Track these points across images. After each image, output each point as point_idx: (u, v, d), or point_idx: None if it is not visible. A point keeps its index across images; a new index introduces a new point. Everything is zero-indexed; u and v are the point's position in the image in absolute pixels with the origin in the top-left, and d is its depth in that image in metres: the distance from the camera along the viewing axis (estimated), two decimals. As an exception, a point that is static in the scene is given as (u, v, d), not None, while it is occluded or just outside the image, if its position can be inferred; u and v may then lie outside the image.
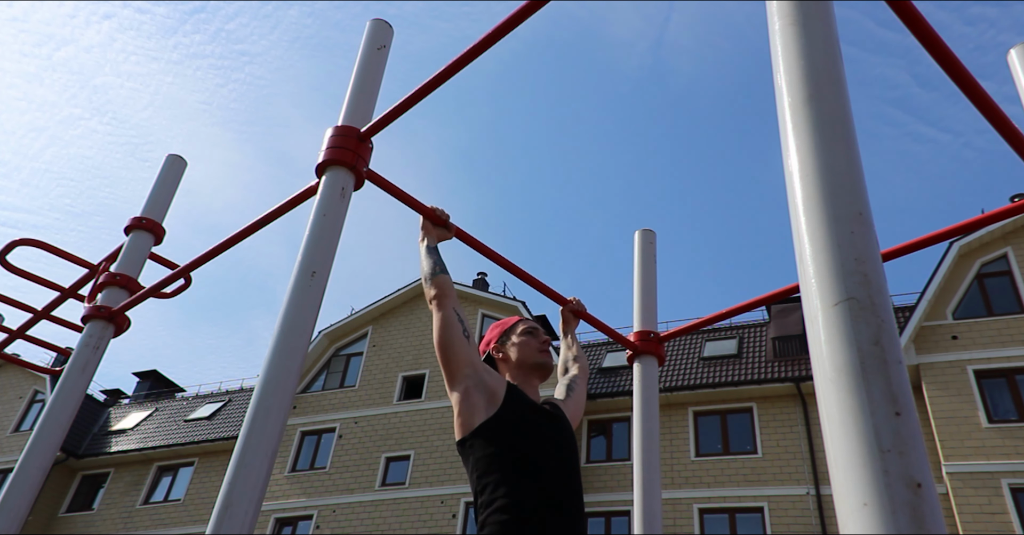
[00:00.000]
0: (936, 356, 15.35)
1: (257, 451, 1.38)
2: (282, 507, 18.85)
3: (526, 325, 2.28)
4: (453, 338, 2.00)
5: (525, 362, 2.18)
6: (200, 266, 2.41)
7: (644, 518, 2.27)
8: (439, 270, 2.14)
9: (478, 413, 1.94)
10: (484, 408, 1.95)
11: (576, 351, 2.65)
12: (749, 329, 19.84)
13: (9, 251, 2.93)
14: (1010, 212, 2.01)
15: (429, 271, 2.14)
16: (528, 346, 2.21)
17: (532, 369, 2.18)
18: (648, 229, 2.85)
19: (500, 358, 2.24)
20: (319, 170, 1.85)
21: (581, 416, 2.39)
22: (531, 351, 2.19)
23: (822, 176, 0.94)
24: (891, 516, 0.69)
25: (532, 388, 2.17)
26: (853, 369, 0.79)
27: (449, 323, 2.02)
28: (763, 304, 2.51)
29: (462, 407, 1.96)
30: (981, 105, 1.69)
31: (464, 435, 1.95)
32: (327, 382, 21.03)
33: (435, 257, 2.18)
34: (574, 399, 2.40)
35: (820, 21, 1.08)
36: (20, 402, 24.03)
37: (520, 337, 2.23)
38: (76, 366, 2.42)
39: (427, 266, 2.16)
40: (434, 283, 2.10)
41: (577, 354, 2.64)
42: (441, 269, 2.14)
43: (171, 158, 3.02)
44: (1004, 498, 13.49)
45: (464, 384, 1.97)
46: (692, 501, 16.10)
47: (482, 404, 1.95)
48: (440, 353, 2.01)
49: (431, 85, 1.86)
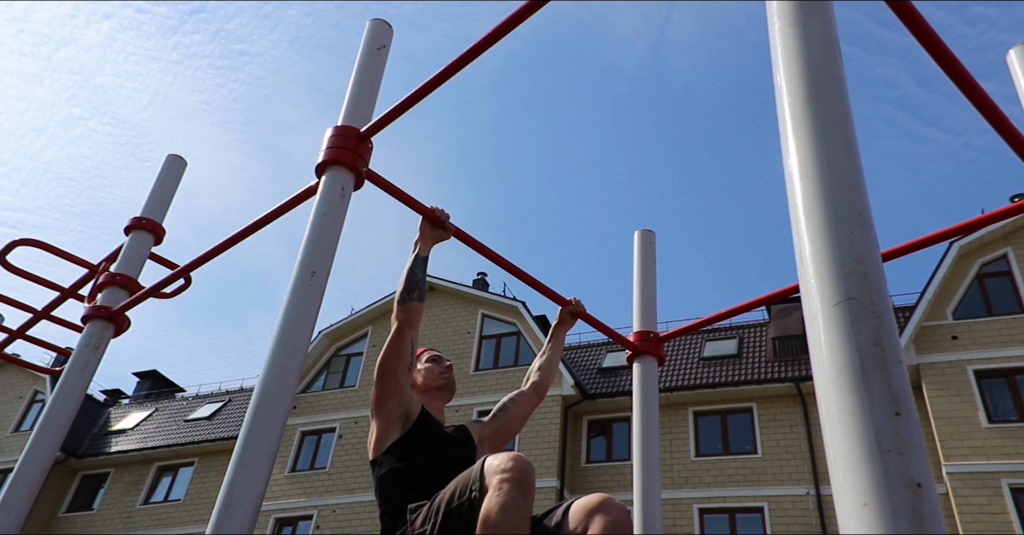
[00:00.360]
0: (936, 356, 15.35)
1: (257, 451, 1.38)
2: (282, 507, 18.85)
3: (430, 353, 2.54)
4: (398, 369, 2.19)
5: (430, 386, 2.43)
6: (200, 266, 2.41)
7: (644, 518, 2.27)
8: (415, 296, 2.23)
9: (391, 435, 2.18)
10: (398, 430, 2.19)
11: (547, 361, 2.69)
12: (749, 329, 19.85)
13: (9, 251, 2.93)
14: (1010, 212, 2.01)
15: (404, 292, 2.23)
16: (432, 372, 2.46)
17: (437, 390, 2.43)
18: (648, 229, 2.84)
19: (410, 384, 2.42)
20: (319, 170, 1.85)
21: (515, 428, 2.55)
22: (434, 375, 2.45)
23: (822, 176, 0.94)
24: (891, 516, 0.69)
25: (438, 409, 2.42)
26: (853, 369, 0.79)
27: (400, 353, 2.19)
28: (763, 304, 2.51)
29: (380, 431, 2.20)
30: (981, 105, 1.69)
31: (376, 455, 2.19)
32: (327, 382, 21.03)
33: (419, 274, 2.25)
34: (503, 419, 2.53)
35: (820, 21, 1.08)
36: (20, 402, 24.03)
37: (425, 364, 2.49)
38: (76, 366, 2.42)
39: (406, 284, 2.24)
40: (404, 308, 2.22)
41: (547, 365, 2.68)
42: (418, 295, 2.24)
43: (171, 158, 3.02)
44: (1004, 498, 13.49)
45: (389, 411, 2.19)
46: (692, 501, 16.10)
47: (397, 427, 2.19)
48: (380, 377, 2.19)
49: (431, 85, 1.86)
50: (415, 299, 2.22)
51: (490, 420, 2.51)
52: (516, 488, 1.76)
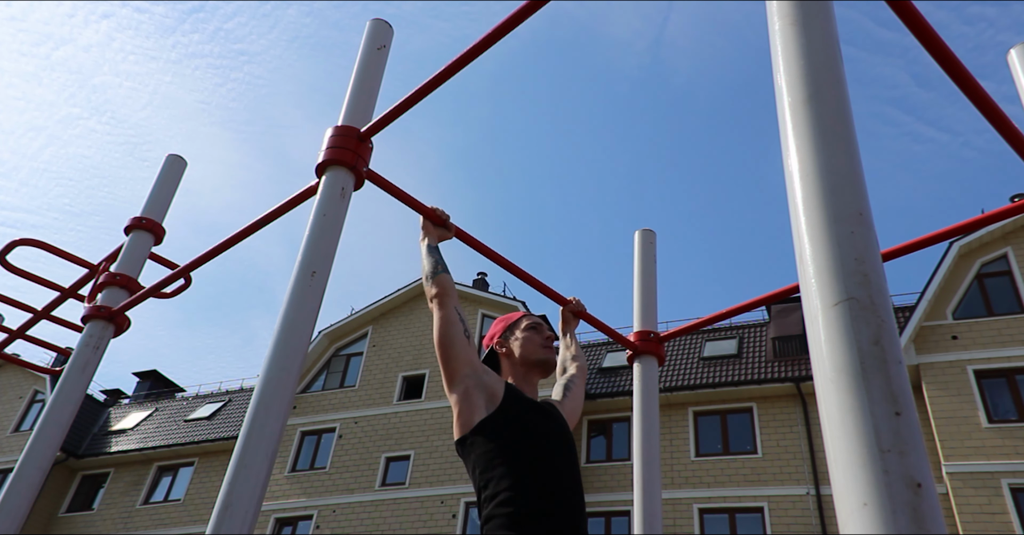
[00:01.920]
0: (936, 356, 15.34)
1: (257, 451, 1.38)
2: (282, 507, 18.84)
3: (530, 320, 2.27)
4: (454, 337, 2.00)
5: (528, 358, 2.18)
6: (200, 266, 2.41)
7: (644, 518, 2.27)
8: (440, 269, 2.13)
9: (478, 411, 1.94)
10: (484, 406, 1.95)
11: (575, 351, 2.64)
12: (749, 329, 19.84)
13: (9, 251, 2.93)
14: (1010, 212, 2.01)
15: (430, 270, 2.14)
16: (531, 342, 2.20)
17: (534, 365, 2.18)
18: (648, 229, 2.84)
19: (503, 353, 2.23)
20: (319, 170, 1.85)
21: (579, 416, 2.38)
22: (534, 347, 2.19)
23: (822, 176, 0.94)
24: (891, 516, 0.69)
25: (531, 386, 2.18)
26: (853, 369, 0.79)
27: (450, 322, 2.02)
28: (763, 304, 2.51)
29: (462, 406, 1.96)
30: (981, 105, 1.69)
31: (464, 433, 1.95)
32: (327, 382, 21.03)
33: (436, 256, 2.18)
34: (571, 399, 2.39)
35: (820, 21, 1.08)
36: (20, 402, 24.03)
37: (524, 333, 2.23)
38: (76, 366, 2.42)
39: (428, 265, 2.15)
40: (435, 282, 2.10)
41: (576, 354, 2.62)
42: (443, 268, 2.14)
43: (171, 158, 3.02)
44: (1004, 498, 13.49)
45: (464, 384, 1.97)
46: (692, 501, 16.10)
47: (482, 403, 1.95)
48: (440, 352, 2.01)
49: (431, 85, 1.86)
50: (442, 271, 2.13)
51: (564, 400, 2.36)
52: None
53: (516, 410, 1.97)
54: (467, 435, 1.94)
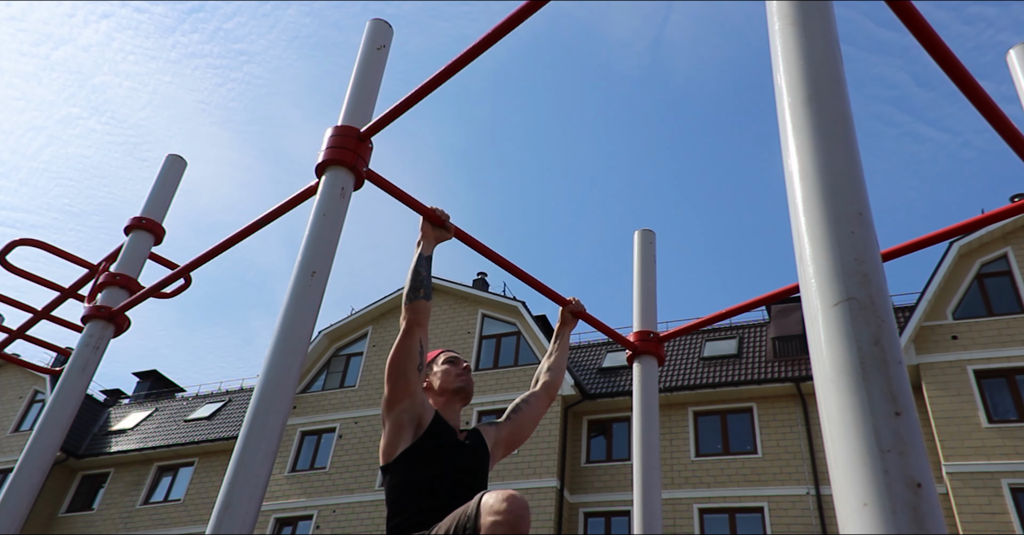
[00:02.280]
0: (936, 356, 15.35)
1: (257, 451, 1.38)
2: (282, 507, 18.85)
3: (447, 355, 2.45)
4: (408, 368, 2.13)
5: (446, 389, 2.33)
6: (200, 266, 2.41)
7: (644, 518, 2.27)
8: (422, 294, 2.18)
9: (403, 442, 2.12)
10: (410, 437, 2.13)
11: (555, 361, 2.65)
12: (749, 329, 19.84)
13: (9, 251, 2.93)
14: (1010, 212, 2.01)
15: (411, 291, 2.19)
16: (448, 374, 2.36)
17: (453, 394, 2.33)
18: (648, 229, 2.85)
19: (425, 387, 2.36)
20: (319, 170, 1.85)
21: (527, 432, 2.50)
22: (451, 378, 2.35)
23: (822, 176, 0.94)
24: (891, 516, 0.69)
25: (454, 412, 2.34)
26: (853, 369, 0.79)
27: (409, 353, 2.13)
28: (763, 304, 2.51)
29: (391, 435, 2.14)
30: (981, 105, 1.69)
31: (386, 462, 2.14)
32: (327, 382, 21.03)
33: (424, 273, 2.21)
34: (515, 421, 2.48)
35: (820, 21, 1.08)
36: (20, 402, 24.03)
37: (441, 366, 2.39)
38: (76, 366, 2.42)
39: (412, 283, 2.20)
40: (411, 307, 2.17)
41: (553, 366, 2.64)
42: (424, 293, 2.19)
43: (171, 158, 3.02)
44: (1004, 498, 13.49)
45: (399, 413, 2.13)
46: (692, 501, 16.10)
47: (409, 434, 2.13)
48: (390, 378, 2.13)
49: (431, 85, 1.86)
50: (422, 297, 2.16)
51: (504, 422, 2.46)
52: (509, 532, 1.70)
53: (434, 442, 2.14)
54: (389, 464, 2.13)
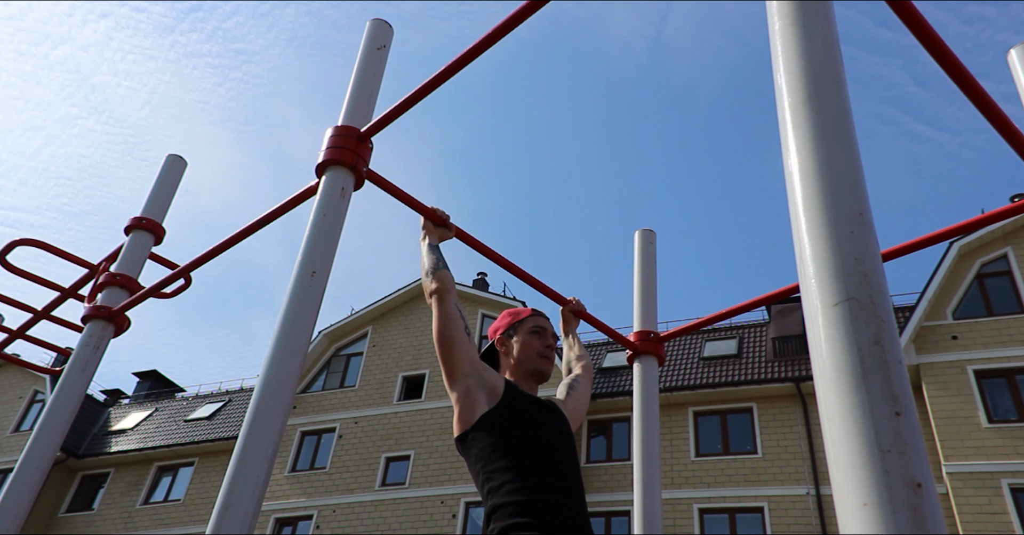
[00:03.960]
0: (936, 356, 15.34)
1: (257, 451, 1.38)
2: (282, 507, 18.84)
3: (535, 323, 2.24)
4: (455, 335, 1.99)
5: (524, 364, 2.17)
6: (200, 266, 2.41)
7: (644, 518, 2.27)
8: (441, 265, 2.13)
9: (479, 407, 1.94)
10: (485, 402, 1.94)
11: (579, 351, 2.63)
12: (749, 329, 19.84)
13: (9, 251, 2.93)
14: (1010, 212, 2.01)
15: (431, 266, 2.13)
16: (530, 348, 2.18)
17: (529, 373, 2.17)
18: (648, 229, 2.84)
19: (503, 351, 2.22)
20: (319, 170, 1.85)
21: (583, 416, 2.36)
22: (532, 354, 2.17)
23: (822, 176, 0.94)
24: (891, 516, 0.69)
25: (529, 389, 2.16)
26: (853, 369, 0.79)
27: (450, 319, 2.01)
28: (763, 304, 2.51)
29: (463, 404, 1.96)
30: (981, 105, 1.69)
31: (465, 429, 1.95)
32: (327, 382, 21.03)
33: (436, 254, 2.18)
34: (575, 398, 2.38)
35: (820, 21, 1.08)
36: (20, 402, 24.03)
37: (526, 336, 2.20)
38: (76, 366, 2.42)
39: (428, 262, 2.15)
40: (435, 277, 2.09)
41: (580, 354, 2.62)
42: (443, 265, 2.14)
43: (171, 158, 3.02)
44: (1004, 498, 13.49)
45: (465, 382, 1.97)
46: (692, 501, 16.10)
47: (483, 399, 1.95)
48: (440, 349, 2.00)
49: (431, 85, 1.86)
50: (443, 267, 2.13)
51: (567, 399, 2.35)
52: None
53: (517, 405, 1.97)
54: (468, 431, 1.93)
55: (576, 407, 2.35)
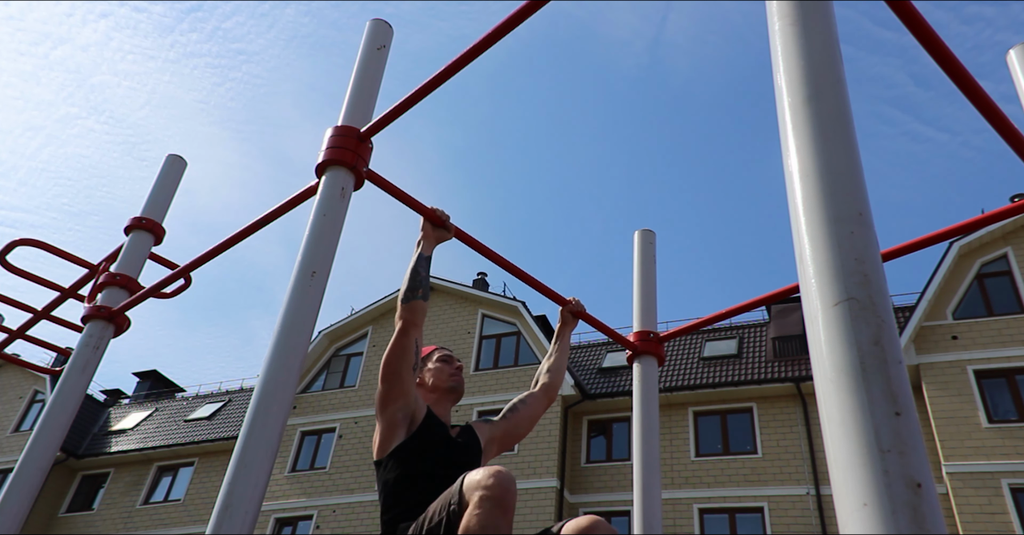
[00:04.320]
0: (936, 356, 15.34)
1: (257, 451, 1.38)
2: (282, 507, 18.85)
3: (441, 353, 2.46)
4: (402, 368, 2.15)
5: (439, 387, 2.36)
6: (200, 266, 2.41)
7: (644, 518, 2.27)
8: (419, 294, 2.21)
9: (396, 438, 2.14)
10: (404, 433, 2.15)
11: (555, 362, 2.65)
12: (749, 329, 19.84)
13: (9, 251, 2.93)
14: (1010, 212, 2.01)
15: (408, 291, 2.21)
16: (442, 372, 2.38)
17: (445, 393, 2.36)
18: (648, 229, 2.84)
19: (418, 383, 2.37)
20: (319, 170, 1.85)
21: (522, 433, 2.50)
22: (444, 376, 2.37)
23: (822, 176, 0.94)
24: (891, 516, 0.69)
25: (445, 409, 2.36)
26: (853, 369, 0.79)
27: (404, 353, 2.15)
28: (763, 304, 2.51)
29: (385, 433, 2.15)
30: (981, 105, 1.69)
31: (380, 457, 2.15)
32: (327, 382, 21.03)
33: (423, 273, 2.23)
34: (510, 420, 2.48)
35: (820, 21, 1.08)
36: (20, 402, 24.02)
37: (435, 364, 2.41)
38: (76, 366, 2.42)
39: (410, 283, 2.22)
40: (408, 307, 2.19)
41: (553, 367, 2.64)
42: (422, 294, 2.22)
43: (171, 158, 3.01)
44: (1004, 498, 13.49)
45: (394, 413, 2.14)
46: (692, 501, 16.10)
47: (403, 430, 2.15)
48: (384, 377, 2.15)
49: (431, 85, 1.86)
50: (419, 297, 2.19)
51: (500, 421, 2.46)
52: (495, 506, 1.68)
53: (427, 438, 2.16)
54: (383, 459, 2.14)
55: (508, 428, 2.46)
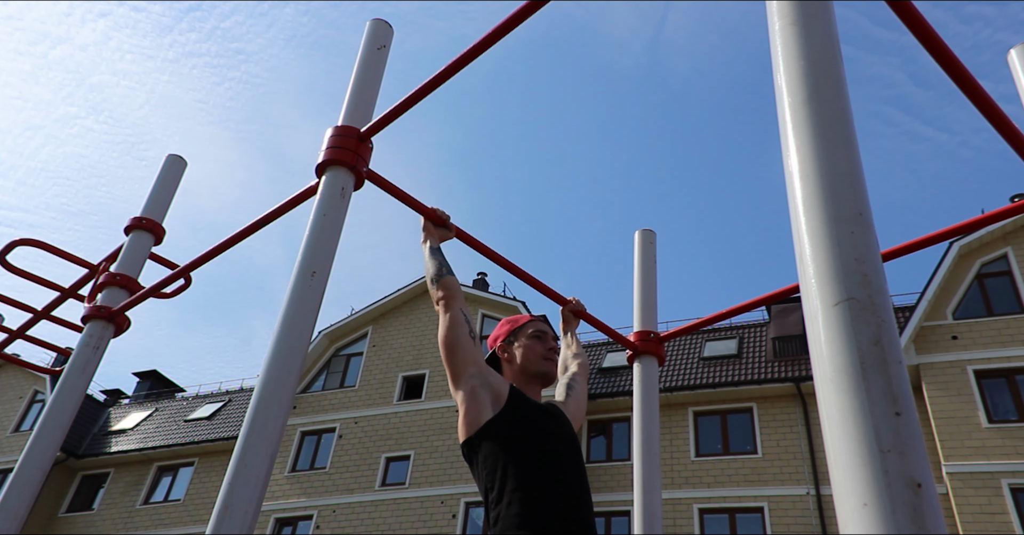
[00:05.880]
0: (936, 356, 15.34)
1: (257, 451, 1.38)
2: (282, 507, 18.84)
3: (535, 328, 2.24)
4: (460, 338, 2.01)
5: (528, 368, 2.17)
6: (200, 266, 2.41)
7: (644, 518, 2.27)
8: (445, 271, 2.15)
9: (484, 411, 1.93)
10: (490, 406, 1.94)
11: (576, 349, 2.63)
12: (749, 329, 19.84)
13: (9, 251, 2.93)
14: (1010, 212, 2.01)
15: (435, 272, 2.15)
16: (533, 352, 2.18)
17: (533, 376, 2.17)
18: (648, 229, 2.84)
19: (505, 358, 2.22)
20: (319, 170, 1.85)
21: (583, 416, 2.35)
22: (536, 357, 2.17)
23: (822, 176, 0.94)
24: (891, 516, 0.69)
25: (533, 393, 2.16)
26: (853, 369, 0.79)
27: (456, 324, 2.03)
28: (763, 304, 2.51)
29: (468, 405, 1.95)
30: (981, 105, 1.69)
31: (470, 434, 1.94)
32: (327, 382, 21.03)
33: (439, 258, 2.19)
34: (574, 398, 2.38)
35: (820, 21, 1.08)
36: (20, 402, 24.02)
37: (528, 341, 2.21)
38: (76, 366, 2.42)
39: (432, 267, 2.17)
40: (441, 285, 2.11)
41: (577, 352, 2.61)
42: (447, 270, 2.15)
43: (171, 158, 3.01)
44: (1004, 498, 13.49)
45: (470, 384, 1.96)
46: (692, 501, 16.10)
47: (488, 402, 1.94)
48: (445, 353, 2.01)
49: (431, 85, 1.86)
50: (447, 274, 2.14)
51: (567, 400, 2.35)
52: None
53: (522, 411, 1.96)
54: (474, 437, 1.93)
55: (576, 407, 2.35)
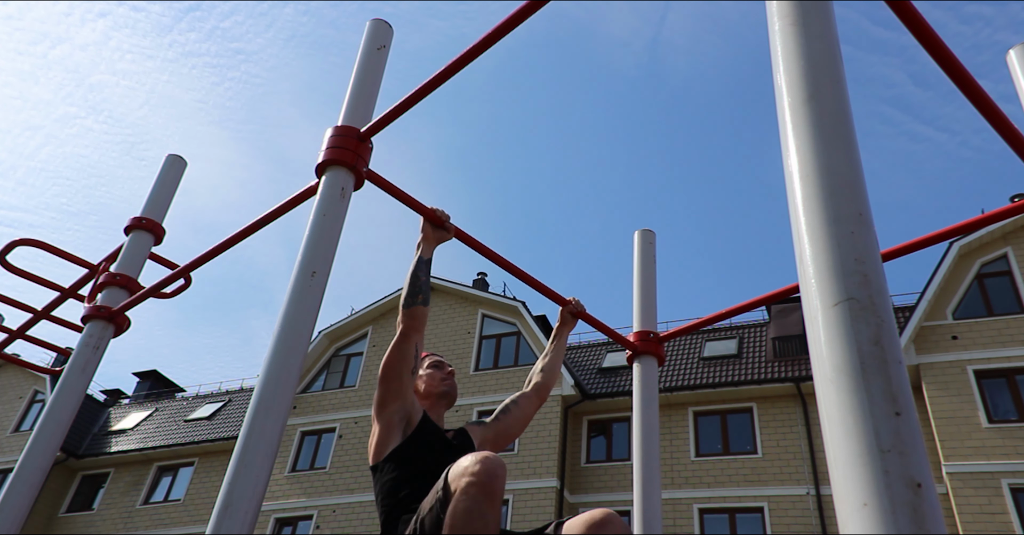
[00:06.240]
0: (936, 356, 15.34)
1: (257, 451, 1.38)
2: (282, 507, 18.84)
3: (432, 359, 2.49)
4: (402, 373, 2.16)
5: (431, 393, 2.39)
6: (200, 266, 2.41)
7: (644, 518, 2.27)
8: (420, 300, 2.22)
9: (393, 441, 2.15)
10: (400, 435, 2.16)
11: (550, 362, 2.65)
12: (749, 329, 19.84)
13: (9, 251, 2.93)
14: (1010, 212, 2.01)
15: (409, 296, 2.22)
16: (433, 378, 2.41)
17: (439, 398, 2.39)
18: (648, 229, 2.84)
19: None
20: (319, 170, 1.84)
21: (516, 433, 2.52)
22: (436, 382, 2.40)
23: (822, 176, 0.94)
24: (891, 516, 0.69)
25: (439, 415, 2.39)
26: (853, 369, 0.79)
27: (404, 358, 2.17)
28: (763, 304, 2.51)
29: (381, 435, 2.17)
30: (980, 105, 1.69)
31: (376, 460, 2.17)
32: (327, 382, 21.03)
33: (423, 278, 2.24)
34: (503, 421, 2.49)
35: (820, 21, 1.08)
36: (20, 402, 24.02)
37: (427, 370, 2.44)
38: (76, 366, 2.42)
39: (410, 288, 2.23)
40: (409, 313, 2.20)
41: (547, 367, 2.64)
42: (423, 299, 2.22)
43: (171, 158, 3.01)
44: (1004, 498, 13.49)
45: (391, 414, 2.17)
46: (692, 501, 16.10)
47: (399, 433, 2.17)
48: (382, 379, 2.17)
49: (431, 85, 1.85)
50: (419, 303, 2.20)
51: (492, 422, 2.48)
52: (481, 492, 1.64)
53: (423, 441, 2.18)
54: (379, 463, 2.16)
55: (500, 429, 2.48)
